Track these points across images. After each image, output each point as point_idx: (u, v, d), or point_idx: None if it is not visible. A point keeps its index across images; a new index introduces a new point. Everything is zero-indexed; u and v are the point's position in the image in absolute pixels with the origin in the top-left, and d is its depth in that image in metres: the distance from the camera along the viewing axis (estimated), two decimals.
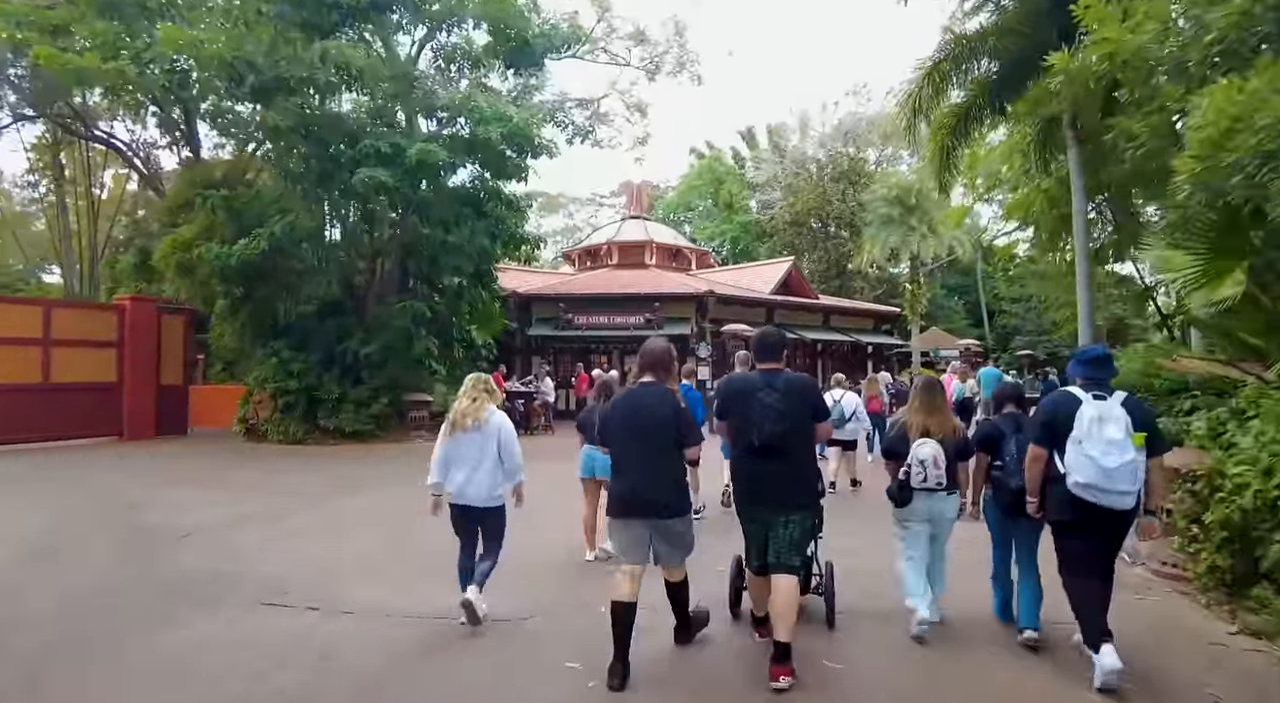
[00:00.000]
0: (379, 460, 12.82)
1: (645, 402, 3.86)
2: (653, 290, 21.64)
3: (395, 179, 12.33)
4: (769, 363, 3.99)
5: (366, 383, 14.92)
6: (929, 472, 4.16)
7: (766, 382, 3.84)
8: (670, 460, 3.81)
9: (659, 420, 3.79)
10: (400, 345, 14.73)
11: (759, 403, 3.76)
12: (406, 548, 6.75)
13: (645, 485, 3.75)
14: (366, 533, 7.39)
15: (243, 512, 8.23)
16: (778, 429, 3.70)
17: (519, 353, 21.94)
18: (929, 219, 34.50)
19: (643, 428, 3.80)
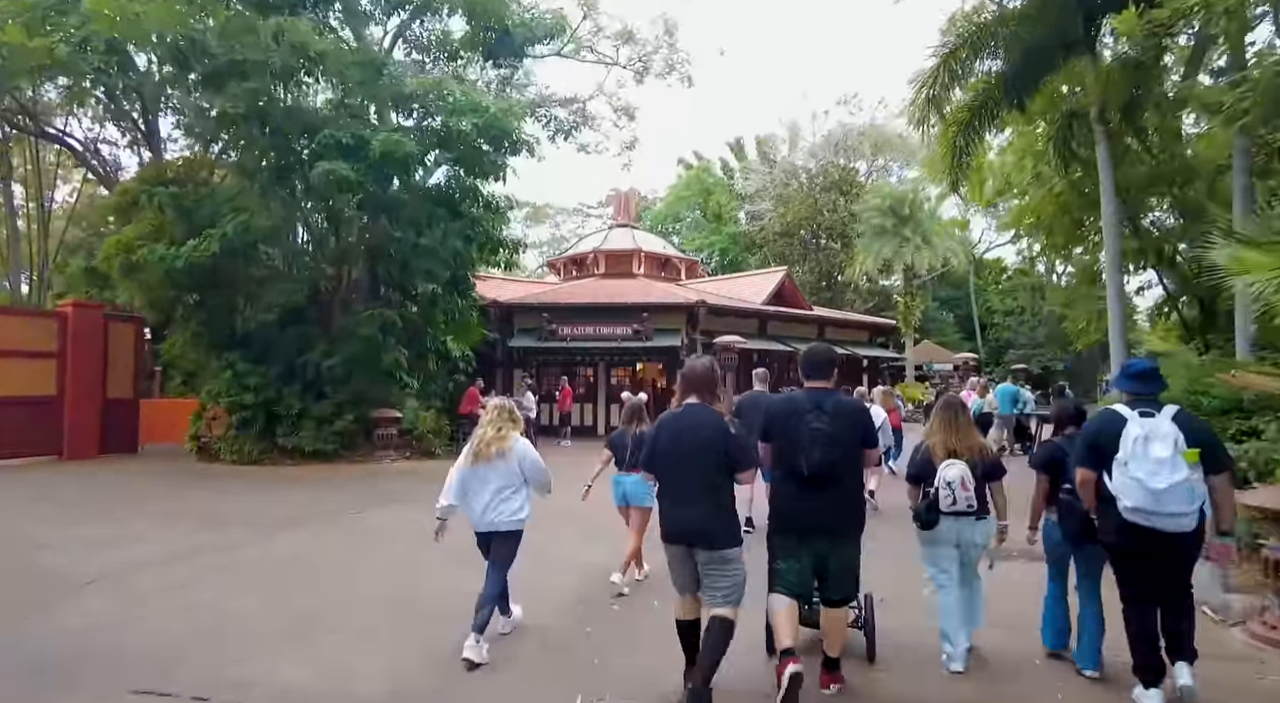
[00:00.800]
0: (340, 484, 11.64)
1: (691, 424, 3.65)
2: (641, 300, 20.61)
3: (359, 174, 11.23)
4: (817, 382, 3.79)
5: (330, 398, 13.74)
6: (957, 494, 3.93)
7: (815, 403, 3.64)
8: (719, 486, 3.59)
9: (706, 443, 3.58)
10: (367, 357, 13.57)
11: (808, 427, 3.55)
12: (355, 603, 5.59)
13: (693, 512, 3.56)
14: (308, 581, 6.23)
15: (166, 550, 7.05)
16: (830, 456, 3.51)
17: (500, 365, 20.82)
18: (923, 230, 33.83)
19: (689, 452, 3.60)
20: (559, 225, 55.53)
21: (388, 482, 11.84)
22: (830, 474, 3.54)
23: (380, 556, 6.97)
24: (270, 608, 5.42)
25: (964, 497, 3.92)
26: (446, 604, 5.19)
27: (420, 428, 14.55)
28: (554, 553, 6.78)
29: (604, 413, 21.00)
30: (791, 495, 3.68)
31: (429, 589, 5.82)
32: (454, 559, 6.70)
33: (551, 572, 6.27)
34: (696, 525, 3.55)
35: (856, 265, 33.96)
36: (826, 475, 3.53)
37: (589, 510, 6.60)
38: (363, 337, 13.49)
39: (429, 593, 5.72)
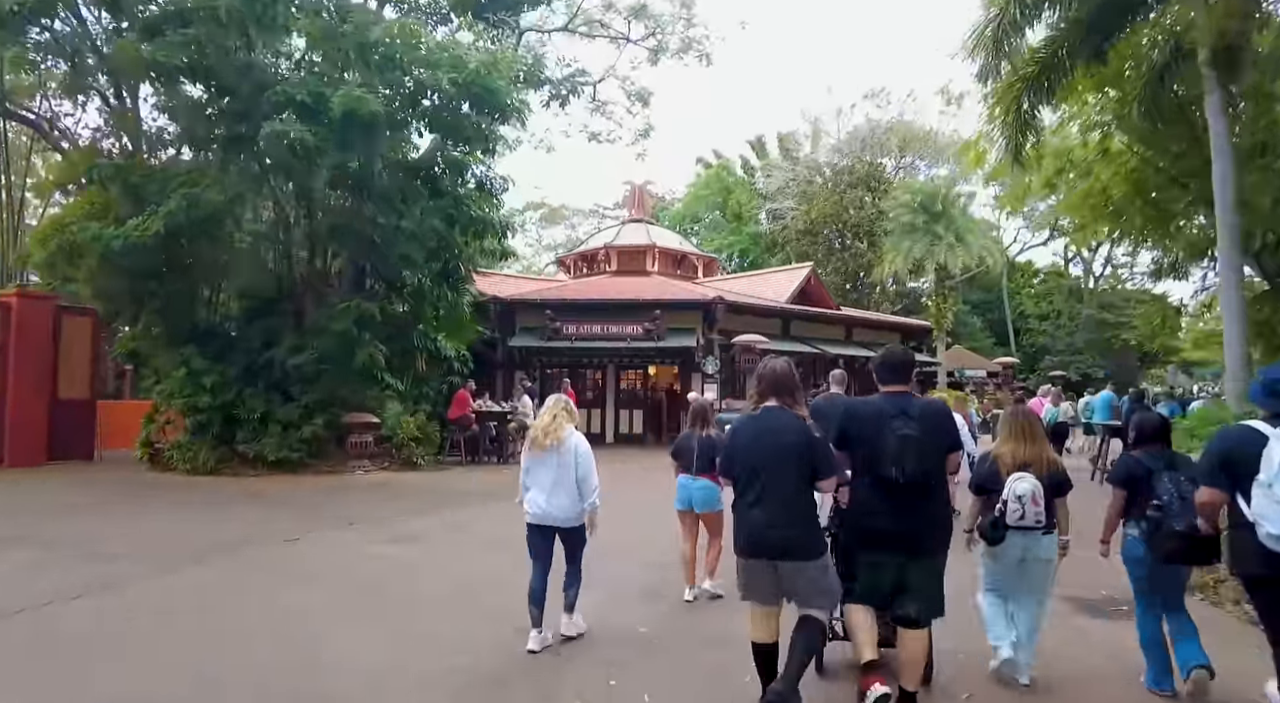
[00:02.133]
0: (297, 500, 10.05)
1: (773, 428, 3.42)
2: (653, 297, 18.92)
3: (318, 138, 9.66)
4: (895, 385, 3.58)
5: (297, 400, 12.17)
6: (1027, 509, 3.74)
7: (899, 408, 3.41)
8: (802, 495, 3.40)
9: (789, 449, 3.36)
10: (340, 354, 12.00)
11: (894, 433, 3.31)
12: (266, 678, 3.93)
13: (774, 523, 3.34)
14: (208, 639, 4.61)
15: (30, 590, 5.46)
16: (920, 464, 3.30)
17: (500, 367, 19.20)
18: (956, 227, 31.80)
19: (771, 458, 3.37)
20: (575, 227, 54.03)
21: (352, 498, 10.23)
22: (921, 483, 3.36)
23: (268, 610, 5.32)
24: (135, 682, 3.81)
25: (1034, 512, 3.74)
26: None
27: (401, 434, 12.94)
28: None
29: (613, 419, 19.33)
30: (876, 507, 3.44)
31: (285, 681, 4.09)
32: (366, 617, 5.07)
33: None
34: (779, 537, 3.35)
35: (885, 265, 31.99)
36: (917, 484, 3.34)
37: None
38: (335, 331, 11.93)
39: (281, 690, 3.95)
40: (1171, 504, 3.71)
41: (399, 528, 8.15)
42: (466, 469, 13.42)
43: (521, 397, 14.82)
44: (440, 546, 7.41)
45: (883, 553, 3.43)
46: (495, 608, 5.16)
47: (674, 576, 5.76)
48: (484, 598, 5.56)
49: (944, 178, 33.81)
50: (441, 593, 5.74)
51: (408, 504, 9.65)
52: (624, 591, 5.71)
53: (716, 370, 18.38)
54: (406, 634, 4.76)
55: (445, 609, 5.34)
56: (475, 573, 6.33)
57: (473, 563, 6.69)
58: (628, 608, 5.31)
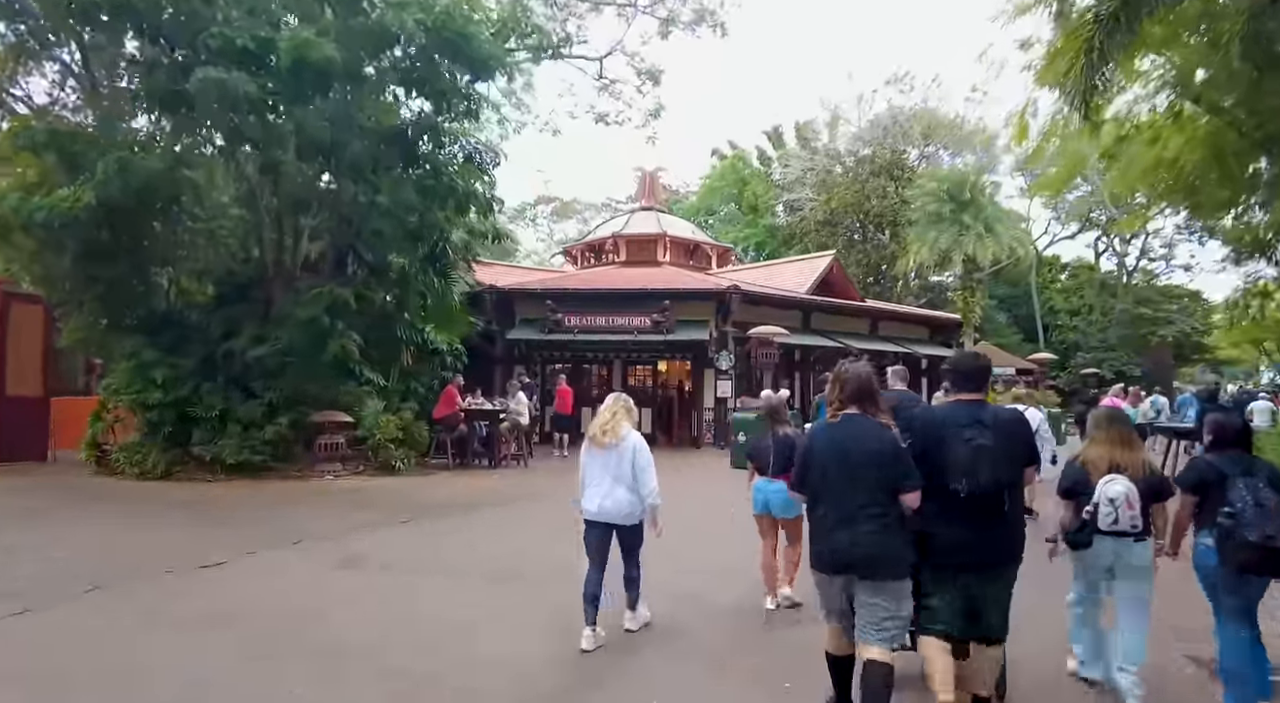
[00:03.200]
0: (255, 509, 8.76)
1: (854, 436, 3.27)
2: (662, 286, 17.50)
3: (266, 91, 8.33)
4: (970, 393, 3.41)
5: (261, 397, 10.88)
6: (1120, 513, 3.55)
7: (972, 417, 3.27)
8: (886, 508, 3.17)
9: (873, 459, 3.20)
10: (308, 345, 10.69)
11: (966, 443, 3.18)
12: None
13: (857, 539, 3.15)
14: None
15: None
16: (994, 476, 3.17)
17: (498, 362, 17.87)
18: (985, 217, 30.09)
19: (853, 468, 3.21)
20: (587, 221, 52.71)
21: (312, 508, 8.90)
22: (994, 496, 3.19)
23: (113, 668, 3.97)
24: None
25: (1128, 516, 3.56)
26: None
27: (379, 435, 11.60)
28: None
29: None
30: (946, 522, 3.22)
31: None
32: (256, 681, 3.71)
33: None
34: (859, 553, 3.15)
35: (909, 257, 30.35)
36: (990, 497, 3.18)
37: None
38: (302, 320, 10.61)
39: None
40: (1245, 512, 3.48)
41: (353, 547, 6.82)
42: (453, 474, 12.09)
43: (516, 394, 13.44)
44: (397, 572, 6.04)
45: (952, 570, 3.27)
46: (451, 678, 3.80)
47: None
48: (438, 654, 4.20)
49: (972, 165, 32.01)
50: (375, 644, 4.37)
51: (373, 516, 8.31)
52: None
53: (731, 366, 16.94)
54: None
55: (371, 673, 3.96)
56: (432, 615, 4.95)
57: (433, 598, 5.32)
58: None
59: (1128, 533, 3.61)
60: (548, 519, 8.29)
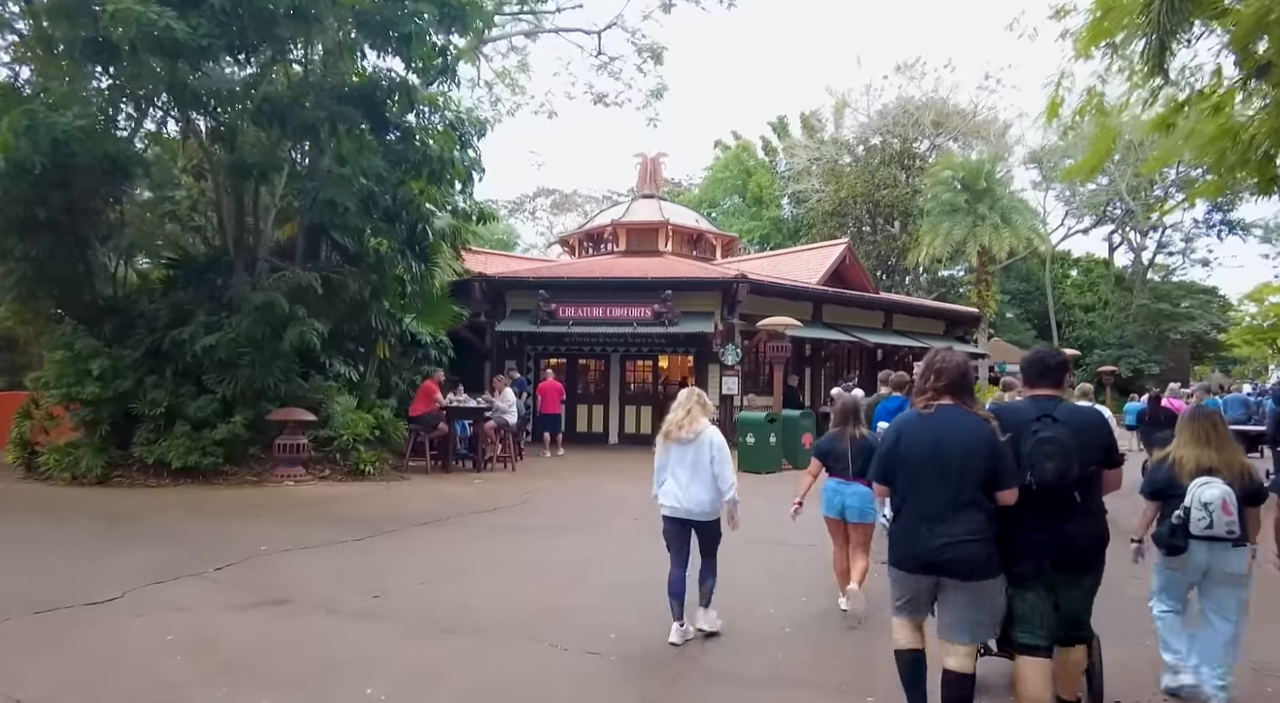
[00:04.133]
0: (188, 524, 7.56)
1: (952, 429, 3.08)
2: (663, 275, 16.30)
3: (194, 33, 7.09)
4: (1044, 389, 3.28)
5: (213, 392, 9.70)
6: (1216, 517, 3.38)
7: (1042, 411, 3.15)
8: (980, 506, 3.01)
9: (969, 455, 3.02)
10: (264, 334, 9.51)
11: (1035, 437, 3.05)
12: None
13: (947, 537, 2.97)
14: None
15: None
16: (1064, 468, 2.99)
17: (488, 356, 16.69)
18: (1001, 206, 28.82)
19: (948, 463, 3.03)
20: (588, 214, 51.60)
21: (256, 522, 7.71)
22: (1067, 489, 3.04)
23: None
24: None
25: (1225, 521, 3.38)
26: None
27: (347, 435, 10.42)
28: None
29: (617, 417, 16.74)
30: (1019, 518, 3.05)
31: None
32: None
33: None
34: (953, 553, 2.96)
35: (922, 248, 29.09)
36: (1063, 491, 3.04)
37: None
38: (257, 305, 9.42)
39: None
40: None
41: (282, 576, 5.63)
42: (431, 479, 10.91)
43: (502, 390, 12.25)
44: (321, 614, 4.83)
45: (1028, 571, 3.10)
46: None
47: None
48: None
49: (987, 153, 30.71)
50: None
51: (324, 533, 7.13)
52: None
53: (737, 362, 15.74)
54: None
55: None
56: (337, 685, 3.74)
57: (346, 657, 4.10)
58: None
59: (1223, 539, 3.44)
60: (521, 540, 7.12)
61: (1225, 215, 38.92)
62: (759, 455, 12.14)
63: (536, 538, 7.21)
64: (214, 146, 9.39)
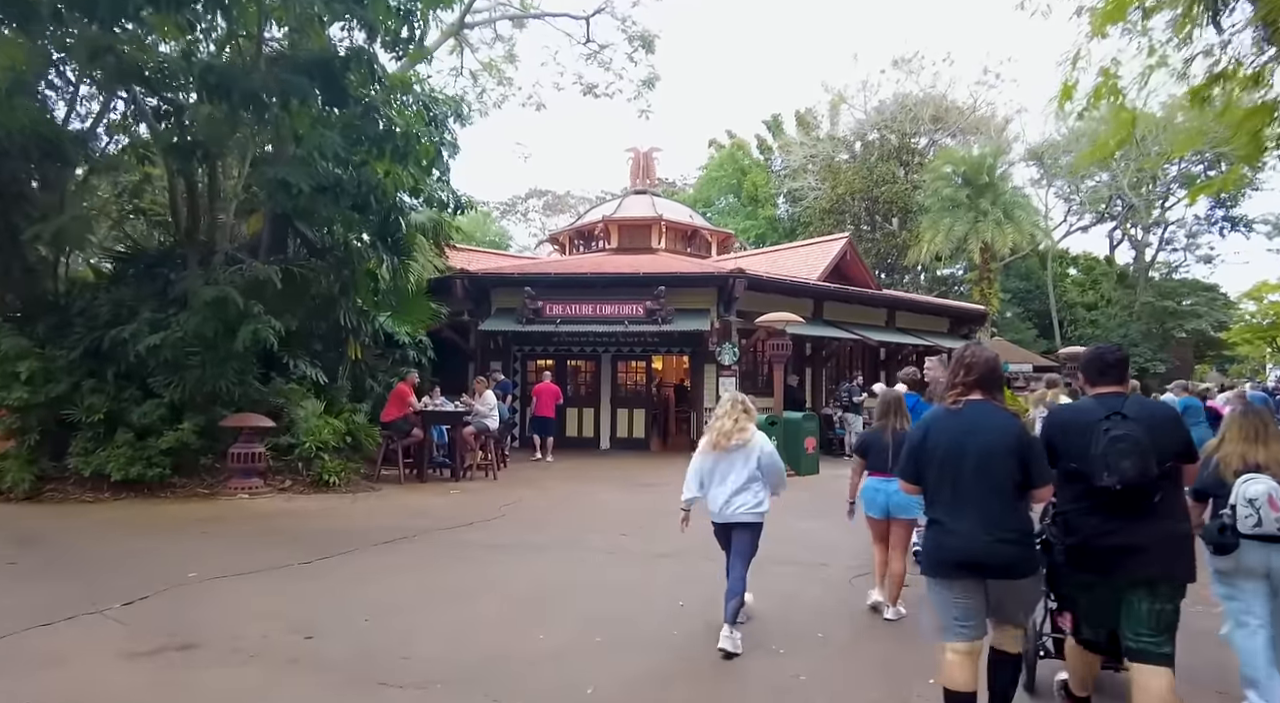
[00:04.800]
0: (126, 543, 6.69)
1: (983, 426, 2.99)
2: (655, 271, 15.46)
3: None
4: (1108, 385, 3.11)
5: (160, 396, 8.81)
6: (1264, 514, 3.20)
7: (1110, 409, 2.98)
8: (1013, 504, 2.96)
9: (1001, 452, 2.94)
10: (215, 333, 8.62)
11: (1105, 435, 2.87)
12: None
13: (983, 537, 2.88)
14: None
15: None
16: (1138, 466, 2.81)
17: (471, 357, 15.81)
18: (1004, 202, 28.07)
19: (978, 461, 2.95)
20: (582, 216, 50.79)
21: (200, 542, 6.82)
22: (1140, 490, 2.85)
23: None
24: None
25: (1274, 517, 3.19)
26: None
27: (309, 443, 9.53)
28: None
29: (608, 421, 15.86)
30: (1088, 523, 2.96)
31: None
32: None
33: None
34: (987, 551, 2.87)
35: (923, 245, 28.31)
36: (1136, 492, 2.84)
37: None
38: (208, 301, 8.54)
39: None
40: None
41: (198, 615, 4.74)
42: (404, 490, 10.02)
43: (482, 393, 11.36)
44: (228, 671, 3.93)
45: (1101, 576, 2.98)
46: None
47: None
48: None
49: (989, 147, 29.95)
50: None
51: (270, 555, 6.25)
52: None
53: (735, 361, 14.89)
54: None
55: None
56: None
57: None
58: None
59: (1276, 537, 3.25)
60: (490, 562, 6.25)
61: (1228, 211, 38.29)
62: None
63: (508, 559, 6.34)
64: (162, 126, 8.51)
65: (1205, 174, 36.91)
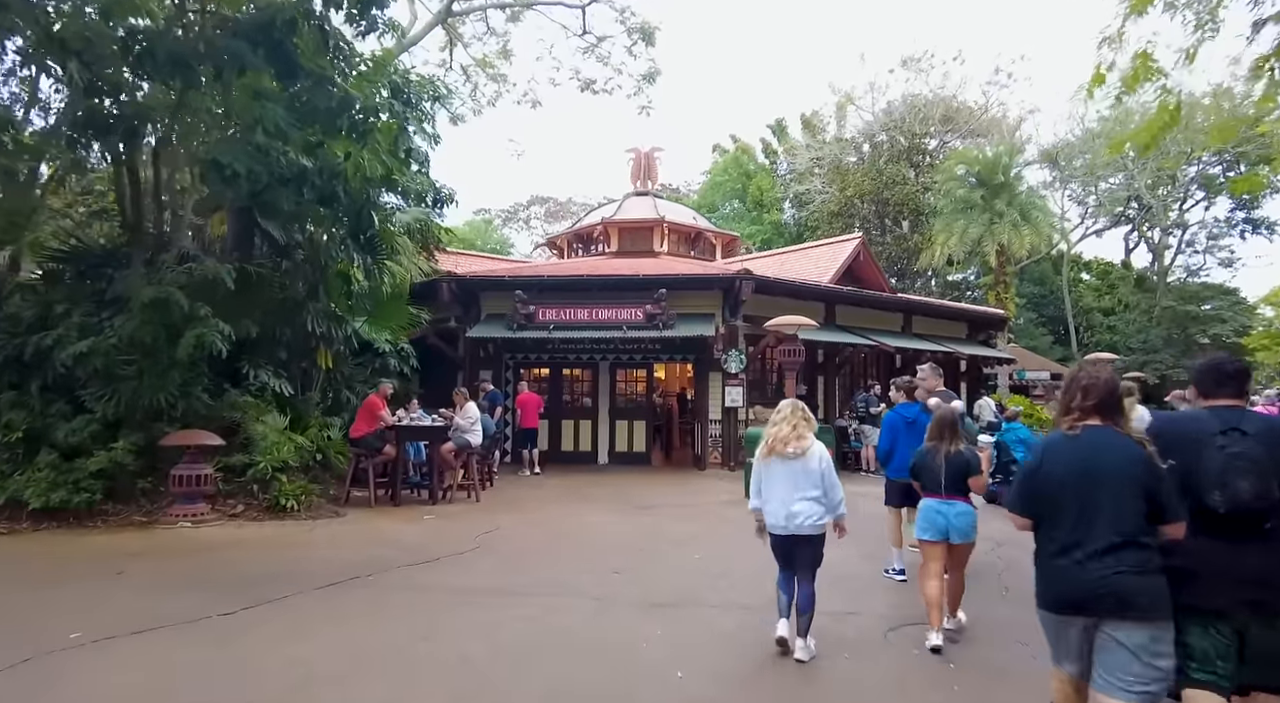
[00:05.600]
0: (13, 589, 5.62)
1: (1104, 453, 2.73)
2: (656, 272, 14.42)
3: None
4: (1224, 399, 2.87)
5: (92, 411, 7.77)
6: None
7: (1227, 423, 2.76)
8: (1139, 540, 2.65)
9: (1125, 481, 2.67)
10: (155, 339, 7.59)
11: (1223, 453, 2.69)
12: None
13: (1104, 572, 2.61)
14: None
15: None
16: (1261, 487, 2.59)
17: (460, 366, 14.76)
18: (1020, 203, 26.96)
19: (1101, 490, 2.69)
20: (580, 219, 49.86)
21: (118, 584, 5.77)
22: (1260, 513, 2.64)
23: None
24: None
25: None
26: None
27: (264, 463, 8.46)
28: None
29: (606, 434, 14.77)
30: (1199, 545, 2.72)
31: None
32: None
33: None
34: (1110, 588, 2.58)
35: (936, 248, 27.21)
36: (1256, 514, 2.63)
37: None
38: (147, 303, 7.51)
39: None
40: None
41: (51, 698, 3.68)
42: (373, 514, 8.94)
43: (463, 406, 10.28)
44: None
45: (1214, 605, 2.69)
46: None
47: None
48: None
49: (1004, 145, 28.87)
50: None
51: (184, 603, 5.18)
52: None
53: (742, 369, 13.81)
54: None
55: None
56: None
57: None
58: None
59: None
60: (451, 611, 5.16)
61: (1249, 213, 37.14)
62: None
63: (473, 609, 5.25)
64: (84, 101, 7.50)
65: (1224, 175, 35.90)
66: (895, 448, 6.34)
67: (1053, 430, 3.00)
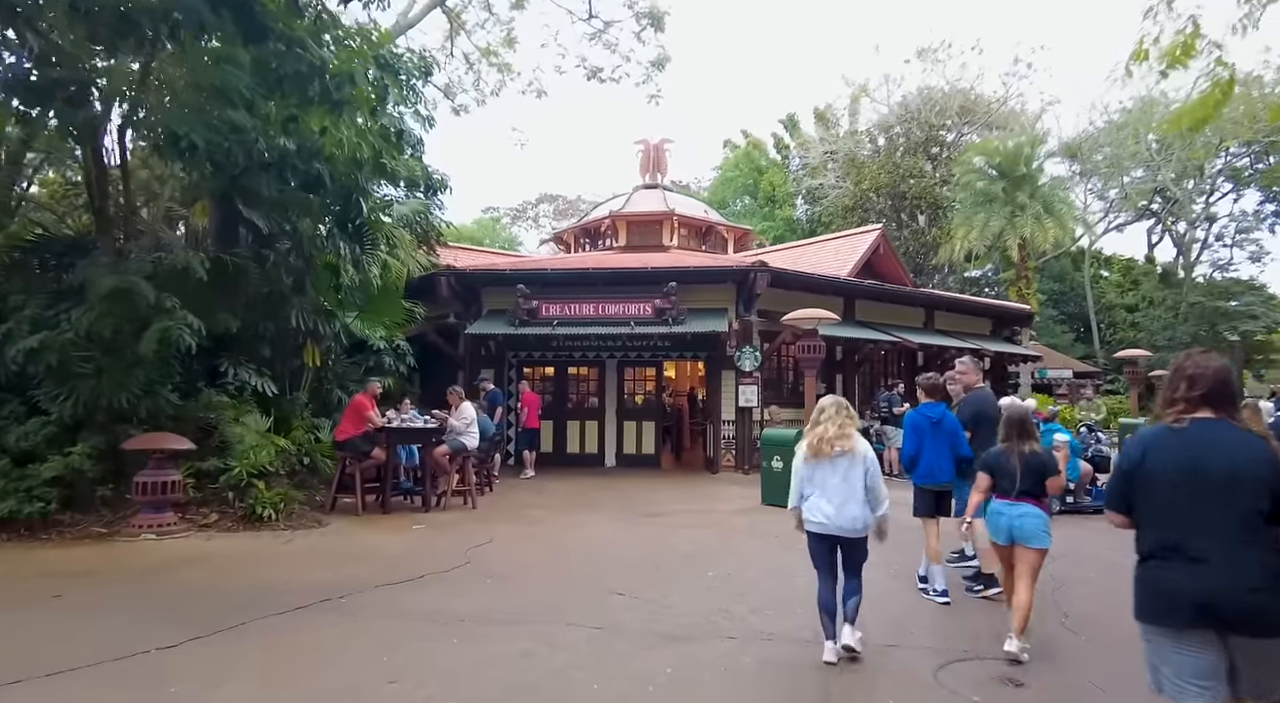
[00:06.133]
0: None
1: (1217, 448, 2.47)
2: (666, 266, 13.67)
3: None
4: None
5: (48, 413, 7.11)
6: None
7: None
8: (1260, 542, 2.41)
9: (1242, 479, 2.41)
10: (116, 333, 6.92)
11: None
12: None
13: (1227, 580, 2.36)
14: None
15: None
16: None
17: (460, 364, 14.06)
18: (1042, 195, 25.99)
19: (1213, 489, 2.43)
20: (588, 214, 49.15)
21: (53, 609, 5.08)
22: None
23: None
24: None
25: None
26: None
27: (239, 468, 7.77)
28: None
29: (614, 435, 14.02)
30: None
31: None
32: None
33: None
34: (1232, 599, 2.34)
35: (956, 242, 26.29)
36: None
37: None
38: (106, 294, 6.84)
39: None
40: None
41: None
42: (359, 523, 8.23)
43: (458, 406, 9.56)
44: None
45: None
46: None
47: None
48: None
49: (1026, 136, 27.90)
50: None
51: (120, 634, 4.48)
52: None
53: (756, 367, 13.04)
54: None
55: None
56: None
57: None
58: None
59: None
60: (424, 644, 4.41)
61: (1279, 206, 35.96)
62: (789, 484, 9.37)
63: (453, 641, 4.51)
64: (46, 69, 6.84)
65: (1253, 167, 34.76)
66: (921, 452, 5.61)
67: (1154, 423, 2.72)
